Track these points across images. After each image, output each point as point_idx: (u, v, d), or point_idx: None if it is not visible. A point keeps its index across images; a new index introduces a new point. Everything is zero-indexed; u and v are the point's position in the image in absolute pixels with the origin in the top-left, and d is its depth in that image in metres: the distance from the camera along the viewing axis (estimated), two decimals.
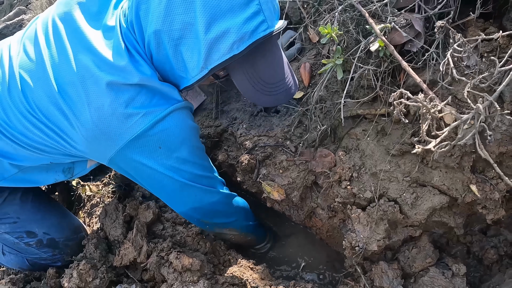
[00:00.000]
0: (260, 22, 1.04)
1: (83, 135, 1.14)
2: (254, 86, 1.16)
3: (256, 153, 1.54)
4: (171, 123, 1.16)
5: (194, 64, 1.08)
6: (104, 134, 1.12)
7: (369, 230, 1.32)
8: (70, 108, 1.12)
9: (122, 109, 1.10)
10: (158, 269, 1.37)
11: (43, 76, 1.15)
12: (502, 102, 1.27)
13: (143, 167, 1.20)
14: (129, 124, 1.11)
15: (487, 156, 0.90)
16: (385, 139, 1.36)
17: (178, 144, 1.19)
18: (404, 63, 1.12)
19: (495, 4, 1.35)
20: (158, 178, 1.23)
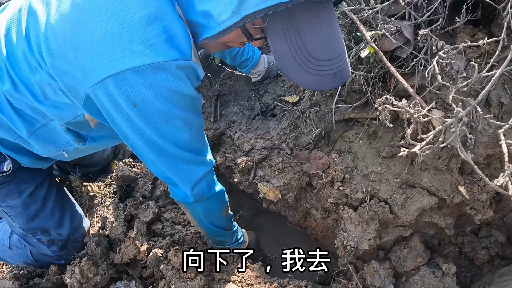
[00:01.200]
0: None
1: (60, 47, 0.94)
2: (295, 56, 0.89)
3: (253, 155, 1.59)
4: (165, 77, 0.92)
5: (224, 6, 0.84)
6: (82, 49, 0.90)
7: (360, 230, 1.36)
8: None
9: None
10: (157, 266, 1.43)
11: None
12: (489, 105, 1.31)
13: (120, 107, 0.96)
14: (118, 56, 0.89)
15: (468, 158, 0.94)
16: (376, 142, 1.41)
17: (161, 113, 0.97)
18: (392, 69, 1.17)
19: (484, 11, 1.40)
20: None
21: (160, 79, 0.91)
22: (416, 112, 0.93)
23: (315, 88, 1.20)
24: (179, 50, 0.91)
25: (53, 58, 0.96)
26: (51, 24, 0.95)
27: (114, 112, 0.97)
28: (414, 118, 0.93)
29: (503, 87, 1.28)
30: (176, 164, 1.11)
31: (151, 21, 0.88)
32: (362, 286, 1.41)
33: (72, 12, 0.92)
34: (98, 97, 0.95)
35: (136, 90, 0.92)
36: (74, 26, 0.92)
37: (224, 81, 1.85)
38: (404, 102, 0.93)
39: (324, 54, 0.90)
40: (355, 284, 1.41)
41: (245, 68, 1.69)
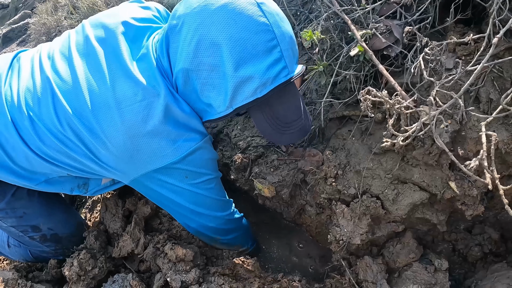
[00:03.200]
0: (281, 69, 1.11)
1: (112, 156, 1.19)
2: (270, 125, 1.21)
3: (249, 153, 1.62)
4: (198, 157, 1.25)
5: (220, 102, 1.15)
6: (134, 159, 1.19)
7: (352, 225, 1.38)
8: (102, 130, 1.16)
9: (157, 139, 1.17)
10: (154, 260, 1.46)
11: (77, 97, 1.19)
12: (478, 102, 1.34)
13: (167, 184, 1.27)
14: (162, 154, 1.19)
15: (443, 146, 0.97)
16: (369, 138, 1.44)
17: (202, 174, 1.30)
18: (380, 66, 1.20)
19: (474, 10, 1.43)
20: (181, 192, 1.31)
21: (198, 154, 1.25)
22: (397, 103, 0.96)
23: (288, 143, 1.49)
24: (202, 133, 1.27)
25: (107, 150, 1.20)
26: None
27: (165, 187, 1.28)
28: (395, 109, 0.96)
29: (492, 83, 1.30)
30: (212, 210, 1.42)
31: (182, 123, 1.22)
32: (355, 281, 1.43)
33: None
34: (144, 182, 1.27)
35: (184, 168, 1.24)
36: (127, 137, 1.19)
37: None
38: (385, 93, 0.96)
39: (289, 118, 1.23)
40: (348, 280, 1.43)
41: None
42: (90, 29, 1.29)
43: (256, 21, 1.07)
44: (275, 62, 1.10)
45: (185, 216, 1.41)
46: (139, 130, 1.15)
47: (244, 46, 1.06)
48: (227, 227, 1.49)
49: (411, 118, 1.22)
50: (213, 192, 1.37)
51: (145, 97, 1.15)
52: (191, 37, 1.09)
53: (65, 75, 1.22)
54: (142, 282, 1.43)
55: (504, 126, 1.29)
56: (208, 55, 1.09)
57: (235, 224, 1.53)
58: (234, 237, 1.56)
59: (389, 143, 0.95)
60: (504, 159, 1.34)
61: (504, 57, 1.24)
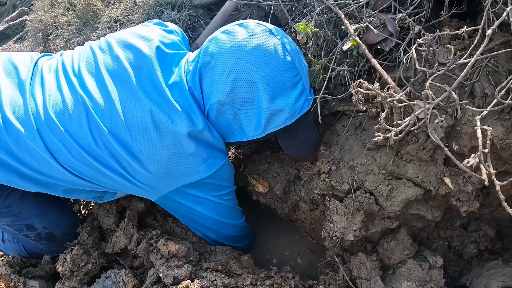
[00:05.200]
0: (305, 100, 1.29)
1: (149, 174, 1.28)
2: (294, 146, 1.43)
3: (243, 149, 1.61)
4: (224, 172, 1.40)
5: (252, 128, 1.29)
6: (170, 176, 1.30)
7: (346, 221, 1.37)
8: (140, 150, 1.25)
9: (192, 157, 1.30)
10: (147, 256, 1.45)
11: (112, 118, 1.25)
12: (473, 97, 1.32)
13: (195, 197, 1.40)
14: (196, 171, 1.31)
15: (438, 140, 0.96)
16: (363, 134, 1.42)
17: (225, 187, 1.45)
18: (373, 60, 1.19)
19: (470, 4, 1.41)
20: (207, 203, 1.44)
21: (224, 170, 1.40)
22: (389, 96, 0.95)
23: (308, 156, 1.59)
24: (225, 152, 1.41)
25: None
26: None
27: (193, 201, 1.41)
28: (387, 102, 0.95)
29: (487, 78, 1.29)
30: (235, 220, 1.59)
31: (211, 147, 1.36)
32: (348, 278, 1.42)
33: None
34: (173, 197, 1.38)
35: (212, 182, 1.38)
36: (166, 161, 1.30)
37: None
38: (377, 85, 0.95)
39: (308, 136, 1.46)
40: (341, 276, 1.42)
41: None
42: (120, 50, 1.34)
43: (284, 61, 1.24)
44: (300, 94, 1.27)
45: (207, 227, 1.53)
46: (177, 150, 1.26)
47: (276, 83, 1.23)
48: (242, 234, 1.64)
49: (405, 113, 1.21)
50: (232, 202, 1.52)
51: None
52: (227, 74, 1.23)
53: (97, 95, 1.28)
54: (135, 278, 1.42)
55: (500, 121, 1.28)
56: (244, 91, 1.23)
57: (247, 230, 1.68)
58: (247, 243, 1.71)
59: (381, 137, 0.94)
60: (500, 155, 1.32)
61: (499, 51, 1.23)
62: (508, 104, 1.04)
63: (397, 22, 1.14)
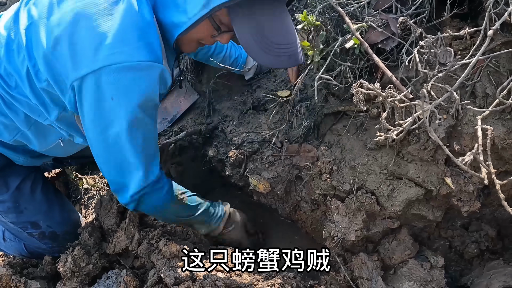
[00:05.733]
0: None
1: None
2: (255, 40, 1.07)
3: (244, 149, 1.61)
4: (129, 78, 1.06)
5: (195, 3, 1.01)
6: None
7: (347, 221, 1.38)
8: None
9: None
10: (148, 256, 1.45)
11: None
12: (475, 97, 1.32)
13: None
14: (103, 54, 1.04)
15: (437, 139, 0.96)
16: (364, 134, 1.42)
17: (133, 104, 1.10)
18: (376, 58, 1.19)
19: (471, 4, 1.41)
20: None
21: (136, 77, 1.06)
22: (390, 96, 0.95)
23: (274, 66, 1.43)
24: (153, 53, 1.07)
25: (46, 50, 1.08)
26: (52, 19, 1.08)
27: (89, 102, 1.09)
28: (388, 102, 0.95)
29: (488, 78, 1.29)
30: (127, 165, 1.20)
31: (132, 26, 1.04)
32: (350, 278, 1.42)
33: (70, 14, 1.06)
34: (81, 88, 1.08)
35: (113, 85, 1.05)
36: (70, 27, 1.05)
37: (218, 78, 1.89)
38: (377, 85, 0.95)
39: (279, 39, 1.09)
40: (343, 276, 1.42)
41: (237, 67, 1.75)
42: None
43: None
44: None
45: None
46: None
47: None
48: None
49: (406, 113, 1.21)
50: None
51: None
52: None
53: None
54: (136, 278, 1.42)
55: (501, 121, 1.28)
56: None
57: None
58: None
59: (382, 137, 0.94)
60: (501, 155, 1.32)
61: (500, 51, 1.23)
62: (509, 104, 1.04)
63: (399, 25, 1.14)
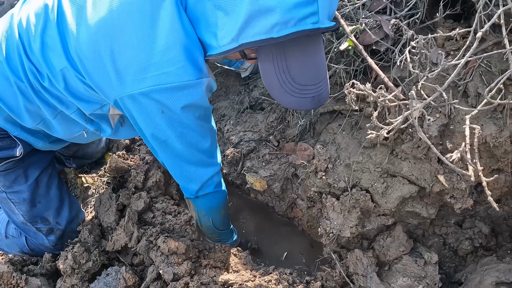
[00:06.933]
0: (311, 13, 0.92)
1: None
2: (279, 79, 1.02)
3: (241, 147, 1.64)
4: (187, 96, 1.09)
5: (227, 32, 0.97)
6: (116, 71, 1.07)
7: (342, 218, 1.40)
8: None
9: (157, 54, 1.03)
10: (147, 253, 1.48)
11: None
12: (467, 96, 1.35)
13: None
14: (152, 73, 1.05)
15: (424, 138, 0.98)
16: (359, 132, 1.45)
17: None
18: (370, 60, 1.21)
19: (464, 6, 1.44)
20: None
21: (185, 94, 1.07)
22: (381, 96, 0.97)
23: (294, 108, 1.39)
24: (200, 70, 1.07)
25: (87, 62, 1.09)
26: (88, 29, 1.06)
27: (140, 116, 1.13)
28: (379, 101, 0.98)
29: (480, 78, 1.32)
30: (190, 165, 1.28)
31: (180, 46, 1.03)
32: (345, 274, 1.44)
33: (107, 23, 1.04)
34: (126, 105, 1.12)
35: (163, 103, 1.08)
36: (110, 39, 1.04)
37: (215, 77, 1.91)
38: (368, 85, 0.97)
39: (305, 80, 1.02)
40: (338, 272, 1.45)
41: (234, 64, 1.76)
42: None
43: None
44: (306, 2, 0.90)
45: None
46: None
47: None
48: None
49: (400, 112, 1.24)
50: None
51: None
52: None
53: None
54: (135, 275, 1.45)
55: (492, 120, 1.31)
56: None
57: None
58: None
59: (374, 135, 0.97)
60: (493, 153, 1.35)
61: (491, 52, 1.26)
62: (499, 103, 1.06)
63: (391, 27, 1.17)
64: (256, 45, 0.95)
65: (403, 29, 1.12)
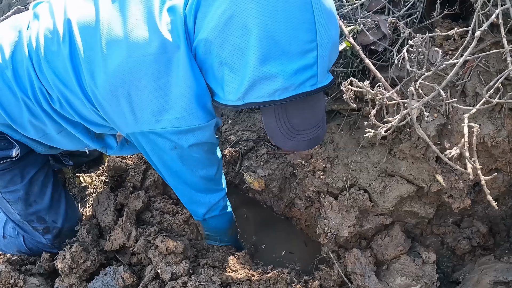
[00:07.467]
0: (310, 77, 0.98)
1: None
2: (280, 128, 1.11)
3: (239, 147, 1.64)
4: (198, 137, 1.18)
5: (232, 89, 1.03)
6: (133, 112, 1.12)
7: (340, 217, 1.40)
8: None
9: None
10: (145, 253, 1.48)
11: (94, 37, 1.11)
12: (465, 96, 1.35)
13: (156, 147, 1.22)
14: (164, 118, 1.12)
15: (423, 135, 0.98)
16: (357, 132, 1.45)
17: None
18: (367, 61, 1.22)
19: (462, 5, 1.44)
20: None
21: (196, 135, 1.17)
22: (379, 94, 0.98)
23: (294, 149, 1.48)
24: (209, 113, 1.16)
25: (103, 101, 1.14)
26: (106, 70, 1.10)
27: (152, 150, 1.23)
28: (377, 99, 0.98)
29: (478, 78, 1.32)
30: (198, 192, 1.40)
31: (192, 94, 1.10)
32: (343, 273, 1.45)
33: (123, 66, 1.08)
34: (138, 139, 1.20)
35: (175, 142, 1.17)
36: (128, 83, 1.09)
37: None
38: (366, 83, 0.97)
39: (304, 126, 1.12)
40: (336, 272, 1.45)
41: None
42: None
43: (300, 15, 0.93)
44: (306, 67, 0.97)
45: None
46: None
47: (277, 41, 0.93)
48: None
49: (398, 111, 1.24)
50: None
51: (162, 49, 1.07)
52: (223, 10, 0.96)
53: (88, 13, 1.14)
54: (133, 274, 1.45)
55: (490, 119, 1.31)
56: (236, 36, 0.96)
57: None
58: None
59: (371, 133, 0.97)
60: (491, 153, 1.36)
61: (490, 51, 1.26)
62: (497, 103, 1.07)
63: (388, 25, 1.17)
64: (260, 105, 1.05)
65: (401, 28, 1.12)
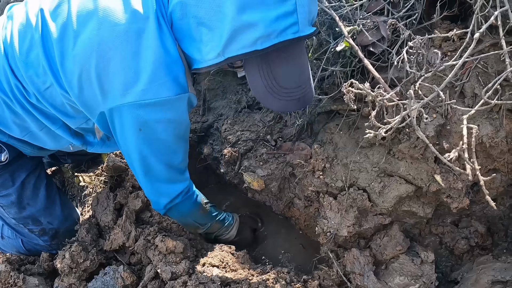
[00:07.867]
0: (291, 24, 0.97)
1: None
2: (265, 85, 1.07)
3: (239, 147, 1.65)
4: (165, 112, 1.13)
5: (211, 48, 1.01)
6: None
7: (339, 217, 1.41)
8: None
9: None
10: (145, 252, 1.48)
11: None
12: (464, 97, 1.36)
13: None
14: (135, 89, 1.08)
15: (423, 137, 0.99)
16: (356, 132, 1.46)
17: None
18: (366, 61, 1.22)
19: (461, 7, 1.45)
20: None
21: (165, 110, 1.12)
22: (379, 95, 0.98)
23: (281, 110, 1.44)
24: (180, 86, 1.11)
25: (73, 79, 1.11)
26: (75, 47, 1.09)
27: (120, 131, 1.17)
28: (377, 100, 0.98)
29: (477, 79, 1.32)
30: (161, 182, 1.33)
31: (160, 63, 1.07)
32: (342, 273, 1.45)
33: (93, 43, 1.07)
34: (112, 117, 1.15)
35: (142, 118, 1.12)
36: (96, 57, 1.07)
37: (213, 77, 1.92)
38: (367, 85, 0.98)
39: (290, 83, 1.08)
40: (335, 271, 1.46)
41: None
42: None
43: None
44: (286, 14, 0.95)
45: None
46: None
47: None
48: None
49: (397, 112, 1.24)
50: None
51: (132, 20, 1.05)
52: None
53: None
54: (133, 274, 1.45)
55: (489, 120, 1.32)
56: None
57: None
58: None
59: (372, 134, 0.98)
60: (489, 153, 1.36)
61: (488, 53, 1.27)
62: (495, 104, 1.07)
63: (388, 27, 1.18)
64: (241, 58, 1.01)
65: (400, 29, 1.13)
